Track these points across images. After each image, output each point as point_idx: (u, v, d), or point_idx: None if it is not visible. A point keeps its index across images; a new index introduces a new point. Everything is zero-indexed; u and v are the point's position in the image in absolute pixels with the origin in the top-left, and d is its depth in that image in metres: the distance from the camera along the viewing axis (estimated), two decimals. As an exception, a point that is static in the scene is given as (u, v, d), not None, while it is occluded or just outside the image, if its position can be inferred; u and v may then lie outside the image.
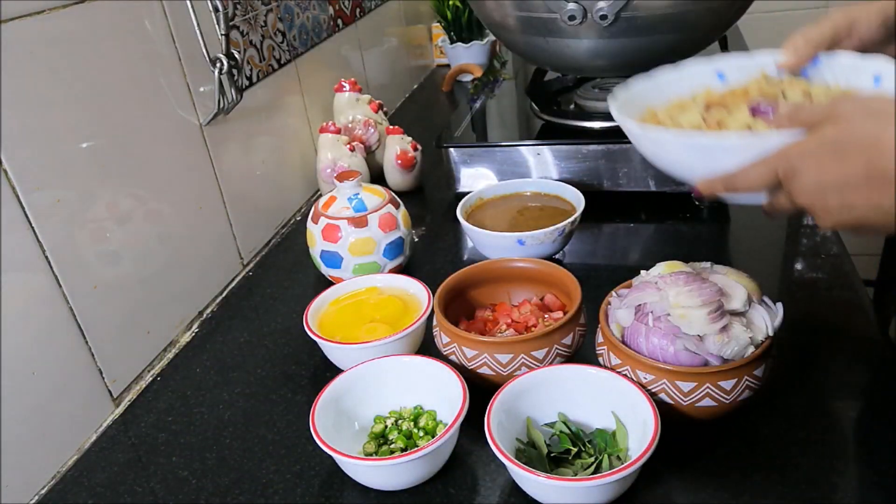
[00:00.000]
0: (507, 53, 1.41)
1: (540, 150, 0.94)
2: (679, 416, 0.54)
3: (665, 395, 0.54)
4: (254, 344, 0.76)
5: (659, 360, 0.53)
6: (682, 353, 0.53)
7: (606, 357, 0.58)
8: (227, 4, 0.86)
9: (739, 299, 0.54)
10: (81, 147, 0.65)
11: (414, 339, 0.67)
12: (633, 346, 0.55)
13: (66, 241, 0.63)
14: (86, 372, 0.66)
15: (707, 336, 0.52)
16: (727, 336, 0.52)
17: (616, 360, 0.56)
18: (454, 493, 0.55)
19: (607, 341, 0.57)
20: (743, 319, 0.54)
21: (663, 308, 0.54)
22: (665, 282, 0.55)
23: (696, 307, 0.53)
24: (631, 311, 0.56)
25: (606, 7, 0.86)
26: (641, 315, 0.55)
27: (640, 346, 0.55)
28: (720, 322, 0.52)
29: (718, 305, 0.53)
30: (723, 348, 0.52)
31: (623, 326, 0.57)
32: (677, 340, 0.53)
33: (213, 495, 0.58)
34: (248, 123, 0.92)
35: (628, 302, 0.57)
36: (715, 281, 0.55)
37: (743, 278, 0.57)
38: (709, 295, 0.53)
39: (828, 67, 0.68)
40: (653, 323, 0.54)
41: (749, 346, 0.52)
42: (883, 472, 0.52)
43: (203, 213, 0.83)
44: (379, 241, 0.79)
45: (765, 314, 0.54)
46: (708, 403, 0.53)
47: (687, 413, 0.54)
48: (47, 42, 0.61)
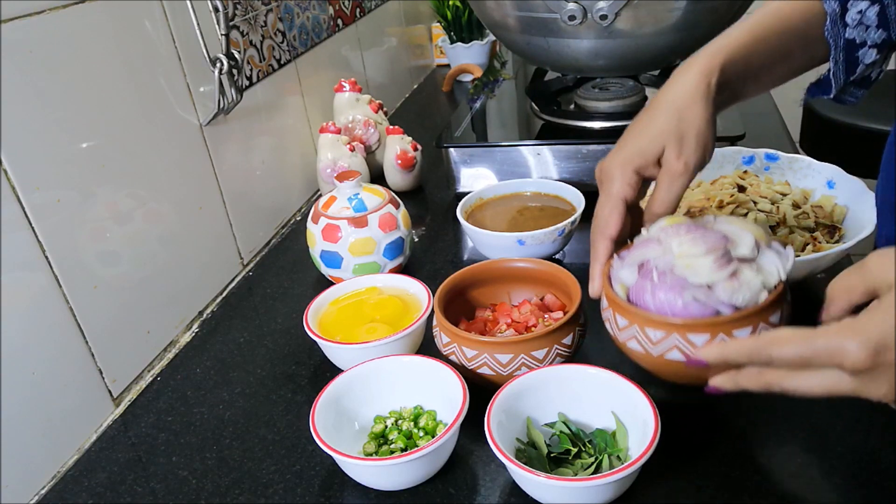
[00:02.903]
0: (507, 53, 1.41)
1: (540, 150, 0.94)
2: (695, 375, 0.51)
3: (678, 353, 0.50)
4: (254, 344, 0.76)
5: (668, 314, 0.50)
6: (692, 304, 0.49)
7: (612, 321, 0.55)
8: (227, 4, 0.86)
9: (746, 245, 0.51)
10: (81, 147, 0.65)
11: (414, 339, 0.67)
12: (640, 305, 0.52)
13: (66, 241, 0.63)
14: (86, 372, 0.66)
15: (716, 284, 0.49)
16: (737, 282, 0.49)
17: (623, 322, 0.53)
18: (454, 493, 0.55)
19: (612, 303, 0.54)
20: (752, 265, 0.50)
21: (667, 261, 0.51)
22: (667, 233, 0.52)
23: (702, 254, 0.50)
24: (634, 270, 0.53)
25: (606, 7, 0.86)
26: (645, 272, 0.52)
27: (647, 303, 0.51)
28: (728, 268, 0.49)
29: (725, 251, 0.50)
30: (734, 295, 0.49)
31: (627, 286, 0.54)
32: (685, 292, 0.50)
33: (213, 495, 0.58)
34: (248, 123, 0.92)
35: (630, 260, 0.54)
36: (719, 229, 0.52)
37: (749, 224, 0.53)
38: (713, 241, 0.50)
39: (787, 165, 0.79)
40: (658, 278, 0.51)
41: (762, 291, 0.49)
42: (883, 472, 0.52)
43: (203, 213, 0.83)
44: (379, 241, 0.79)
45: (775, 259, 0.51)
46: None
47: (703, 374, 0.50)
48: (47, 42, 0.61)
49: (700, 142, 0.56)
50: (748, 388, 0.47)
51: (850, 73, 0.61)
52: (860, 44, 0.59)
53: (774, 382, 0.46)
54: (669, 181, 0.56)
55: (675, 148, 0.56)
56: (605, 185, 0.59)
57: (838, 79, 0.61)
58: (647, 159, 0.57)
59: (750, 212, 0.74)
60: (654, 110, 0.58)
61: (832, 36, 0.59)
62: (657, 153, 0.57)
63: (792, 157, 0.81)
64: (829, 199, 0.75)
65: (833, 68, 0.60)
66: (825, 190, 0.76)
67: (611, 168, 0.58)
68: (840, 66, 0.60)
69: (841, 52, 0.59)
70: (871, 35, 0.58)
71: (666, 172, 0.56)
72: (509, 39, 0.99)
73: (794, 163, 0.80)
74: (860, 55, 0.59)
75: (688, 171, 0.56)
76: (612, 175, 0.58)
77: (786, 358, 0.44)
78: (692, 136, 0.56)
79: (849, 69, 0.61)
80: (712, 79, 0.56)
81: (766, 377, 0.46)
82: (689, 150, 0.56)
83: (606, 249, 0.58)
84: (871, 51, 0.59)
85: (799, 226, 0.72)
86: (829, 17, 0.58)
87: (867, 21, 0.58)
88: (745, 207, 0.75)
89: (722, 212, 0.74)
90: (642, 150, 0.57)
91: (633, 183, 0.57)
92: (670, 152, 0.56)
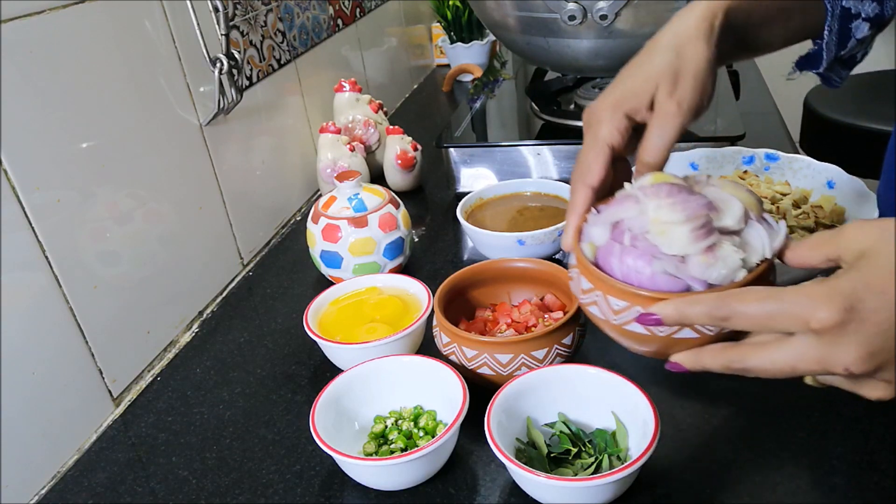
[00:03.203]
0: (507, 53, 1.41)
1: (540, 150, 0.94)
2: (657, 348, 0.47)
3: (638, 326, 0.46)
4: (254, 344, 0.76)
5: (633, 283, 0.45)
6: (660, 276, 0.45)
7: (577, 281, 0.50)
8: (227, 4, 0.86)
9: (733, 215, 0.45)
10: (81, 147, 0.65)
11: (414, 339, 0.67)
12: (607, 268, 0.47)
13: (66, 241, 0.63)
14: (86, 372, 0.66)
15: (690, 257, 0.44)
16: (713, 257, 0.44)
17: (586, 285, 0.49)
18: (454, 493, 0.55)
19: (578, 262, 0.50)
20: (736, 239, 0.45)
21: (642, 224, 0.46)
22: (645, 193, 0.47)
23: (679, 222, 0.44)
24: (607, 229, 0.48)
25: (606, 7, 0.86)
26: (618, 233, 0.47)
27: (613, 267, 0.47)
28: (706, 240, 0.44)
29: (705, 221, 0.44)
30: (707, 271, 0.44)
31: (597, 246, 0.49)
32: (655, 262, 0.45)
33: (213, 495, 0.58)
34: (248, 123, 0.92)
35: (605, 218, 0.49)
36: (706, 194, 0.47)
37: (741, 192, 0.48)
38: (694, 208, 0.45)
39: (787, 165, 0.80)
40: (629, 241, 0.46)
41: (740, 270, 0.44)
42: (882, 472, 0.52)
43: (203, 213, 0.83)
44: (379, 241, 0.79)
45: (763, 233, 0.46)
46: (688, 335, 0.45)
47: (664, 348, 0.47)
48: (47, 42, 0.61)
49: (698, 82, 0.51)
50: (710, 368, 0.45)
51: (841, 46, 0.60)
52: (855, 14, 0.58)
53: (736, 360, 0.43)
54: (661, 124, 0.51)
55: (668, 86, 0.51)
56: (591, 128, 0.53)
57: (830, 50, 0.60)
58: (639, 100, 0.52)
59: None
60: (652, 50, 0.53)
61: (830, 1, 0.58)
62: (651, 94, 0.52)
63: (792, 157, 0.81)
64: (829, 199, 0.75)
65: (826, 38, 0.59)
66: (825, 190, 0.77)
67: (599, 110, 0.53)
68: (833, 37, 0.59)
69: (836, 20, 0.58)
70: (866, 7, 0.58)
71: (657, 114, 0.51)
72: (509, 39, 1.00)
73: (794, 163, 0.80)
74: (853, 28, 0.58)
75: (681, 112, 0.51)
76: (600, 118, 0.53)
77: (748, 313, 0.41)
78: (689, 75, 0.51)
79: (840, 42, 0.59)
80: (716, 20, 0.53)
81: (727, 354, 0.44)
82: (684, 89, 0.51)
83: (586, 199, 0.52)
84: (863, 24, 0.58)
85: (799, 226, 0.72)
86: None
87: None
88: None
89: None
90: (635, 91, 0.52)
91: (623, 128, 0.52)
92: (662, 91, 0.51)
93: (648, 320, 0.45)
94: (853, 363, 0.39)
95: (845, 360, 0.39)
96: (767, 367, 0.42)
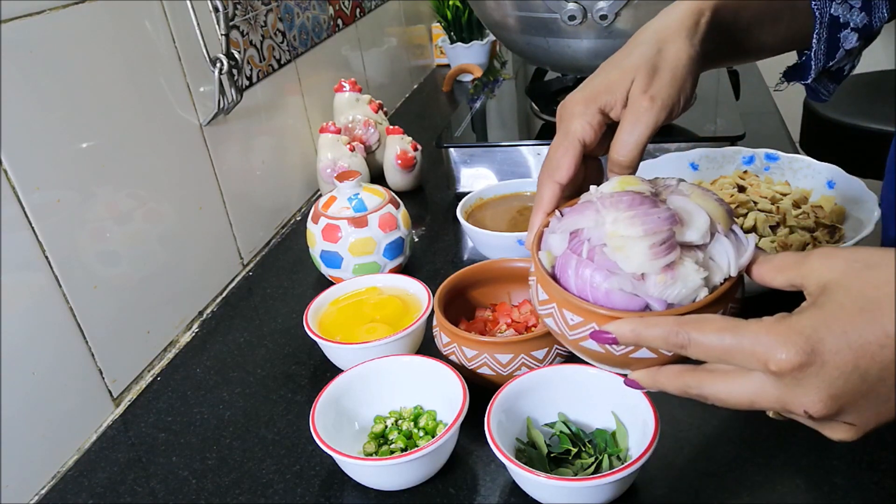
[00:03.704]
0: (507, 53, 1.41)
1: (540, 150, 0.94)
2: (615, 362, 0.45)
3: (594, 343, 0.43)
4: (254, 344, 0.76)
5: (589, 299, 0.43)
6: (616, 294, 0.42)
7: (535, 291, 0.48)
8: (227, 4, 0.86)
9: (698, 229, 0.43)
10: (81, 147, 0.65)
11: (414, 339, 0.67)
12: (563, 280, 0.45)
13: (66, 241, 0.63)
14: (86, 372, 0.66)
15: (648, 275, 0.42)
16: (672, 276, 0.41)
17: (543, 296, 0.46)
18: (454, 493, 0.55)
19: (536, 271, 0.47)
20: (698, 255, 0.43)
21: (600, 236, 0.43)
22: (604, 203, 0.44)
23: (637, 237, 0.42)
24: (566, 237, 0.46)
25: (606, 7, 0.86)
26: (576, 243, 0.45)
27: (569, 279, 0.44)
28: (665, 258, 0.41)
29: (667, 236, 0.42)
30: (665, 290, 0.41)
31: (554, 256, 0.46)
32: (612, 277, 0.42)
33: (213, 495, 0.58)
34: (248, 123, 0.92)
35: (564, 225, 0.46)
36: (671, 204, 0.44)
37: (710, 202, 0.44)
38: (656, 223, 0.42)
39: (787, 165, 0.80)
40: (587, 254, 0.44)
41: (701, 289, 0.42)
42: (883, 472, 0.52)
43: (203, 213, 0.83)
44: (379, 241, 0.79)
45: (730, 249, 0.43)
46: (646, 355, 0.43)
47: (621, 365, 0.45)
48: (47, 42, 0.61)
49: (675, 78, 0.48)
50: (666, 389, 0.43)
51: (829, 56, 0.59)
52: (843, 24, 0.58)
53: (694, 385, 0.41)
54: (633, 120, 0.48)
55: (643, 81, 0.48)
56: (563, 122, 0.51)
57: (818, 60, 0.59)
58: (614, 95, 0.49)
59: (750, 212, 0.74)
60: (633, 43, 0.51)
61: (818, 8, 0.57)
62: (626, 88, 0.49)
63: (792, 157, 0.81)
64: (829, 199, 0.75)
65: (815, 47, 0.58)
66: (825, 190, 0.77)
67: (572, 104, 0.51)
68: (822, 46, 0.58)
69: (825, 28, 0.57)
70: (855, 17, 0.57)
71: (630, 109, 0.48)
72: (509, 39, 1.00)
73: (794, 163, 0.80)
74: (841, 38, 0.58)
75: (654, 108, 0.48)
76: (573, 112, 0.50)
77: (704, 344, 0.39)
78: (667, 70, 0.48)
79: (829, 52, 0.58)
80: (702, 17, 0.51)
81: (685, 378, 0.42)
82: (659, 84, 0.48)
83: (552, 196, 0.50)
84: (852, 34, 0.58)
85: (799, 226, 0.72)
86: None
87: (852, 1, 0.57)
88: (746, 207, 0.75)
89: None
90: (610, 85, 0.49)
91: (596, 123, 0.50)
92: (637, 85, 0.48)
93: (603, 339, 0.43)
94: (812, 406, 0.37)
95: (805, 403, 0.37)
96: (724, 398, 0.40)
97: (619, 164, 0.50)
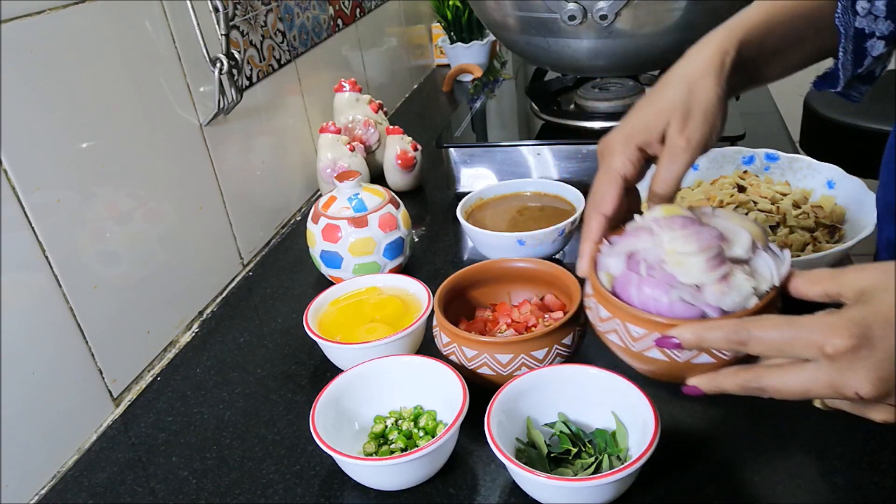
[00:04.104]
0: (507, 53, 1.41)
1: (540, 150, 0.94)
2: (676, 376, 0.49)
3: (657, 352, 0.48)
4: (254, 344, 0.76)
5: (652, 311, 0.48)
6: (678, 304, 0.47)
7: (595, 311, 0.52)
8: (227, 4, 0.86)
9: (742, 245, 0.48)
10: (81, 147, 0.65)
11: (414, 339, 0.67)
12: (624, 297, 0.50)
13: (66, 241, 0.63)
14: (86, 372, 0.66)
15: (705, 286, 0.47)
16: (727, 285, 0.47)
17: (605, 314, 0.51)
18: (454, 493, 0.55)
19: (596, 292, 0.52)
20: (746, 267, 0.48)
21: (657, 255, 0.49)
22: (659, 226, 0.50)
23: (693, 253, 0.47)
24: (622, 259, 0.51)
25: (606, 7, 0.86)
26: (633, 263, 0.50)
27: (632, 297, 0.49)
28: (720, 270, 0.47)
29: (718, 251, 0.47)
30: (722, 299, 0.46)
31: (613, 276, 0.51)
32: (672, 290, 0.47)
33: (213, 495, 0.58)
34: (248, 123, 0.92)
35: (619, 249, 0.51)
36: (715, 225, 0.50)
37: (747, 223, 0.51)
38: (707, 240, 0.47)
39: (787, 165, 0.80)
40: (646, 272, 0.49)
41: (752, 297, 0.47)
42: (883, 472, 0.52)
43: (203, 213, 0.83)
44: (379, 241, 0.79)
45: (770, 262, 0.48)
46: (705, 360, 0.48)
47: (682, 373, 0.49)
48: (47, 42, 0.61)
49: (707, 118, 0.53)
50: (726, 389, 0.46)
51: (857, 64, 0.60)
52: (869, 34, 0.58)
53: (752, 380, 0.45)
54: (670, 158, 0.54)
55: (679, 122, 0.53)
56: (605, 159, 0.56)
57: (846, 70, 0.60)
58: (651, 134, 0.54)
59: (750, 212, 0.74)
60: (665, 84, 0.55)
61: (842, 23, 0.58)
62: (662, 128, 0.54)
63: (792, 157, 0.81)
64: (829, 199, 0.75)
65: (842, 58, 0.59)
66: (825, 190, 0.77)
67: (612, 142, 0.56)
68: (849, 57, 0.59)
69: (850, 41, 0.58)
70: (880, 26, 0.58)
71: (668, 148, 0.54)
72: (509, 39, 1.00)
73: (794, 163, 0.80)
74: (868, 46, 0.59)
75: (689, 148, 0.53)
76: (613, 149, 0.55)
77: (764, 338, 0.43)
78: (699, 112, 0.53)
79: (856, 61, 0.60)
80: (728, 57, 0.54)
81: (743, 375, 0.45)
82: (693, 125, 0.53)
83: (599, 226, 0.55)
84: (879, 42, 0.58)
85: (799, 226, 0.72)
86: (840, 4, 0.58)
87: (877, 11, 0.57)
88: (746, 207, 0.75)
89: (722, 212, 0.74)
90: (647, 125, 0.54)
91: (636, 160, 0.55)
92: (673, 127, 0.53)
93: (667, 344, 0.47)
94: (864, 388, 0.40)
95: (856, 385, 0.41)
96: (781, 388, 0.44)
97: (659, 196, 0.55)
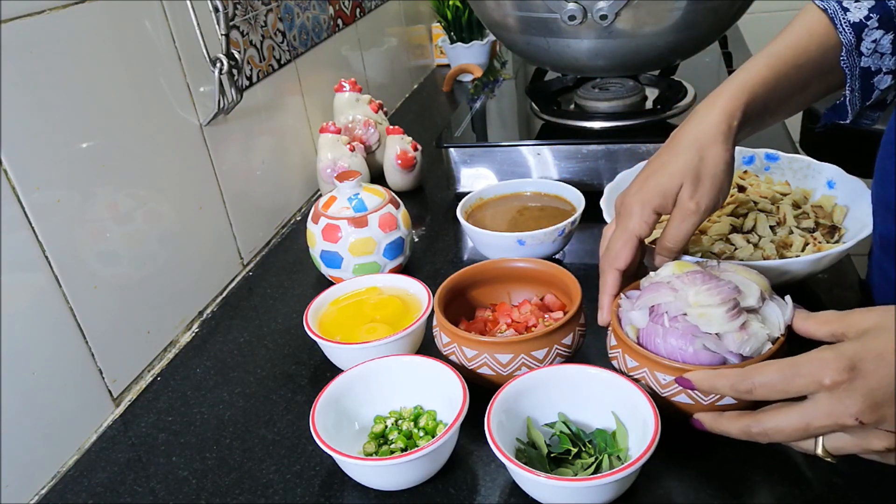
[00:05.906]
0: (507, 53, 1.41)
1: (540, 150, 0.94)
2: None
3: (685, 396, 0.53)
4: (254, 344, 0.76)
5: (678, 360, 0.53)
6: (702, 352, 0.52)
7: (621, 360, 0.57)
8: (227, 4, 0.86)
9: (754, 296, 0.54)
10: (81, 147, 0.65)
11: (414, 339, 0.67)
12: (651, 347, 0.54)
13: (66, 241, 0.63)
14: (86, 372, 0.66)
15: (726, 334, 0.52)
16: (746, 333, 0.52)
17: (633, 363, 0.55)
18: (454, 493, 0.55)
19: (622, 344, 0.57)
20: (758, 316, 0.54)
21: (679, 308, 0.54)
22: (682, 282, 0.55)
23: (716, 305, 0.52)
24: (645, 313, 0.56)
25: (606, 7, 0.86)
26: (656, 316, 0.55)
27: (658, 347, 0.54)
28: (739, 319, 0.52)
29: (736, 303, 0.53)
30: (742, 346, 0.52)
31: (638, 328, 0.56)
32: (696, 340, 0.52)
33: (213, 495, 0.58)
34: (248, 123, 0.92)
35: (641, 303, 0.56)
36: (729, 279, 0.55)
37: (753, 275, 0.56)
38: (727, 293, 0.53)
39: (787, 165, 0.80)
40: (669, 323, 0.54)
41: (766, 343, 0.52)
42: (883, 472, 0.52)
43: (203, 213, 0.83)
44: (379, 241, 0.79)
45: (777, 310, 0.54)
46: (729, 402, 0.52)
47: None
48: (47, 42, 0.61)
49: (715, 184, 0.59)
50: (728, 432, 0.50)
51: (865, 99, 0.62)
52: (875, 71, 0.60)
53: (753, 424, 0.48)
54: (681, 219, 0.59)
55: (690, 187, 0.58)
56: (622, 219, 0.61)
57: (854, 105, 0.62)
58: (666, 199, 0.59)
59: (750, 212, 0.74)
60: (677, 147, 0.60)
61: (848, 66, 0.60)
62: (676, 192, 0.59)
63: (792, 157, 0.81)
64: (829, 199, 0.75)
65: (849, 96, 0.62)
66: (825, 190, 0.76)
67: (631, 205, 0.60)
68: (856, 94, 0.62)
69: (857, 80, 0.61)
70: (886, 62, 0.60)
71: (679, 210, 0.59)
72: (509, 39, 0.99)
73: (794, 163, 0.80)
74: (875, 82, 0.61)
75: (698, 212, 0.58)
76: (632, 212, 0.60)
77: (769, 382, 0.47)
78: (708, 178, 0.58)
79: (864, 96, 0.62)
80: (734, 120, 0.59)
81: (744, 419, 0.49)
82: (703, 191, 0.58)
83: (615, 281, 0.60)
84: (885, 77, 0.61)
85: (799, 226, 0.72)
86: (845, 48, 0.59)
87: (882, 49, 0.59)
88: (746, 207, 0.75)
89: (722, 212, 0.74)
90: (663, 192, 0.59)
91: (651, 222, 0.60)
92: (685, 191, 0.58)
93: (685, 384, 0.52)
94: (860, 412, 0.44)
95: (853, 410, 0.44)
96: (783, 427, 0.47)
97: (668, 250, 0.61)
